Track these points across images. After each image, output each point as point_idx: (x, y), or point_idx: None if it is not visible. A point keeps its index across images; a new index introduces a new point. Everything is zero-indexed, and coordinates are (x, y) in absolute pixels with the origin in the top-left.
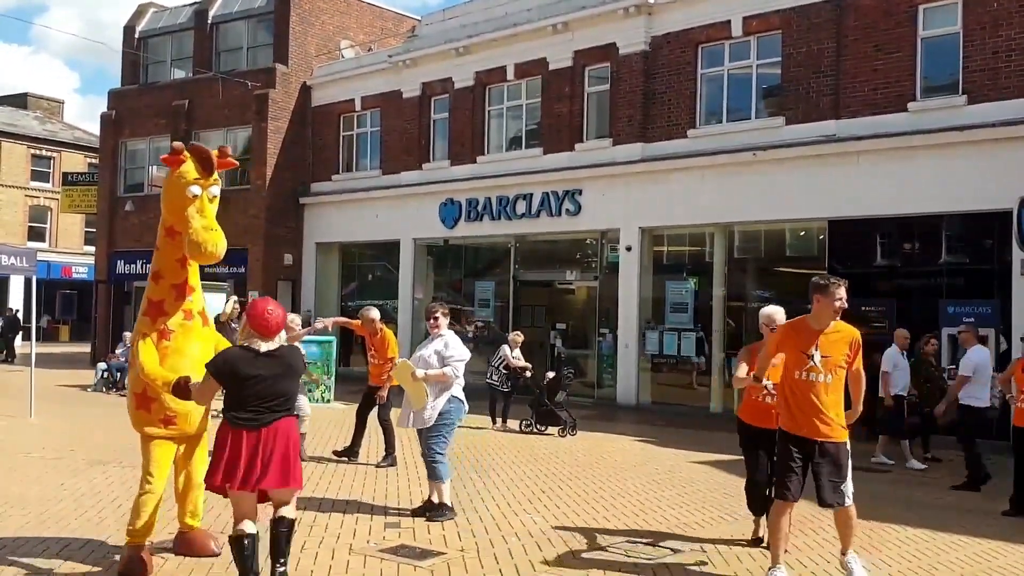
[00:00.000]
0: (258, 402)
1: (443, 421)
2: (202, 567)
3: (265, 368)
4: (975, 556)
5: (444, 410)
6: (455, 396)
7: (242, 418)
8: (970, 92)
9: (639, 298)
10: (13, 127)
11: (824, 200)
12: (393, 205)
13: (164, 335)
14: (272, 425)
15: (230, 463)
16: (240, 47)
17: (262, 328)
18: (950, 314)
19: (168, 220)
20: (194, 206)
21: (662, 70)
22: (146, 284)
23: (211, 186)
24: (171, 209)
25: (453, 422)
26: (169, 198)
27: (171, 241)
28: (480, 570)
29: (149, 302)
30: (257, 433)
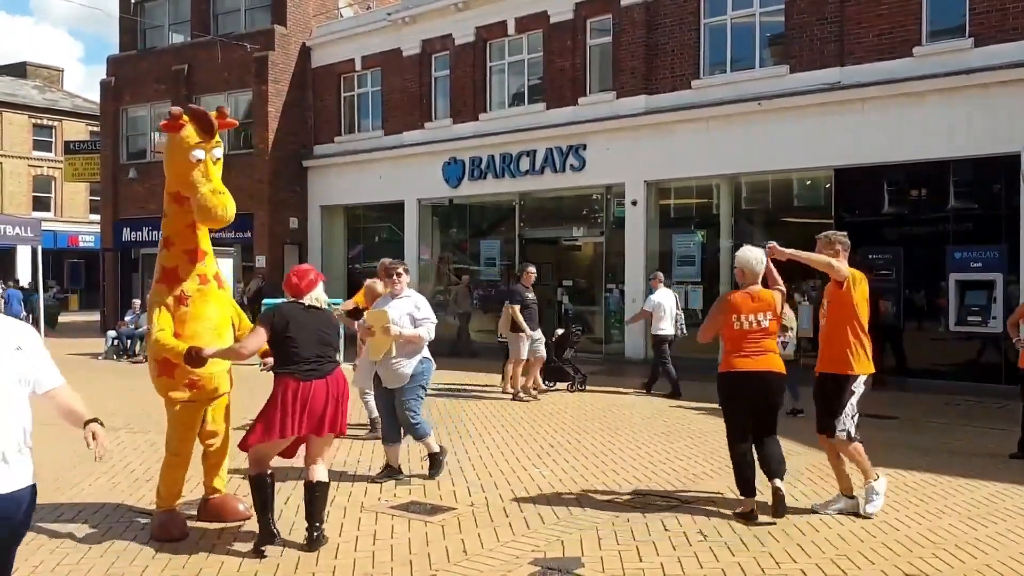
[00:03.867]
0: (314, 351)
1: (417, 382)
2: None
3: (314, 320)
4: (982, 499)
5: (417, 371)
6: (425, 357)
7: (308, 369)
8: (977, 35)
9: (646, 252)
10: (13, 97)
11: (830, 149)
12: (396, 165)
13: (182, 301)
14: (334, 373)
15: (301, 412)
16: (238, 9)
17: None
18: (957, 260)
19: (173, 186)
20: (198, 170)
21: (664, 20)
22: (156, 252)
23: (214, 148)
24: (176, 175)
25: (426, 383)
26: (172, 164)
27: (178, 207)
28: (490, 524)
29: (163, 269)
30: (325, 381)
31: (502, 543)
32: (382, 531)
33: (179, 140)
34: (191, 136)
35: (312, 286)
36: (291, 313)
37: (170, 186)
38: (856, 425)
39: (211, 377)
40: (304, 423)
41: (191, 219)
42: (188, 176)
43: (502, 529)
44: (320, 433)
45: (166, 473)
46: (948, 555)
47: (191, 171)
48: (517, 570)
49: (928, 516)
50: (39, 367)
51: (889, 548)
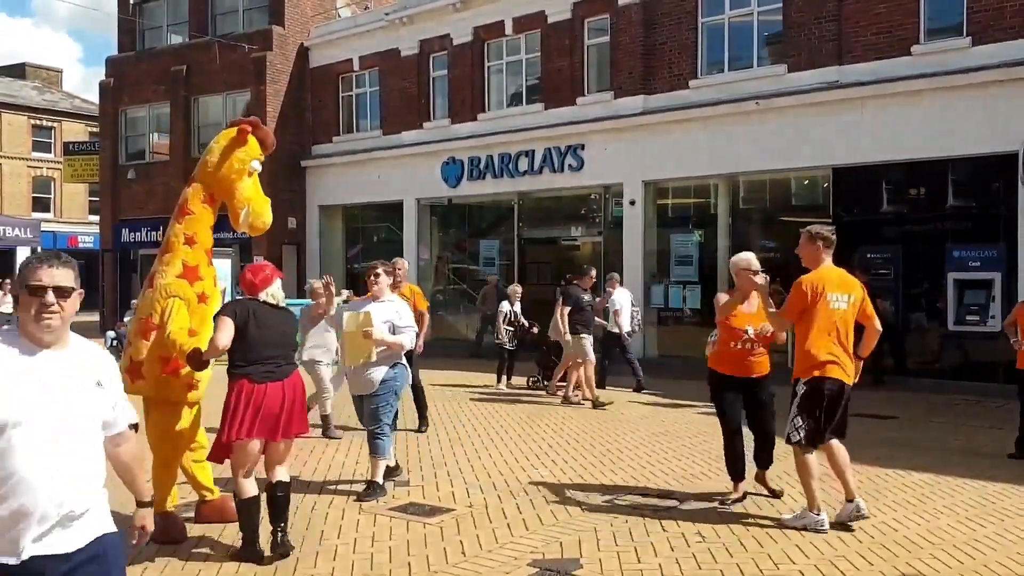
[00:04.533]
0: (272, 352)
1: (390, 389)
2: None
3: (276, 319)
4: (981, 499)
5: (389, 376)
6: (399, 363)
7: (265, 371)
8: (975, 33)
9: (644, 252)
10: (13, 98)
11: (828, 148)
12: (395, 165)
13: (203, 299)
14: (291, 376)
15: (254, 416)
16: (236, 10)
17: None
18: (956, 259)
19: (210, 187)
20: (253, 181)
21: (662, 20)
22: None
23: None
24: (221, 179)
25: (399, 389)
26: (223, 168)
27: (208, 208)
28: (489, 526)
29: (185, 266)
30: (281, 384)
31: (501, 544)
32: (380, 533)
33: (242, 149)
34: (255, 148)
35: (268, 282)
36: (252, 308)
37: (206, 186)
38: (806, 434)
39: (204, 381)
40: (256, 427)
41: (213, 220)
42: (236, 183)
43: (500, 530)
44: (274, 438)
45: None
46: (947, 555)
47: (242, 179)
48: (516, 571)
49: (927, 516)
50: (118, 406)
51: (888, 548)
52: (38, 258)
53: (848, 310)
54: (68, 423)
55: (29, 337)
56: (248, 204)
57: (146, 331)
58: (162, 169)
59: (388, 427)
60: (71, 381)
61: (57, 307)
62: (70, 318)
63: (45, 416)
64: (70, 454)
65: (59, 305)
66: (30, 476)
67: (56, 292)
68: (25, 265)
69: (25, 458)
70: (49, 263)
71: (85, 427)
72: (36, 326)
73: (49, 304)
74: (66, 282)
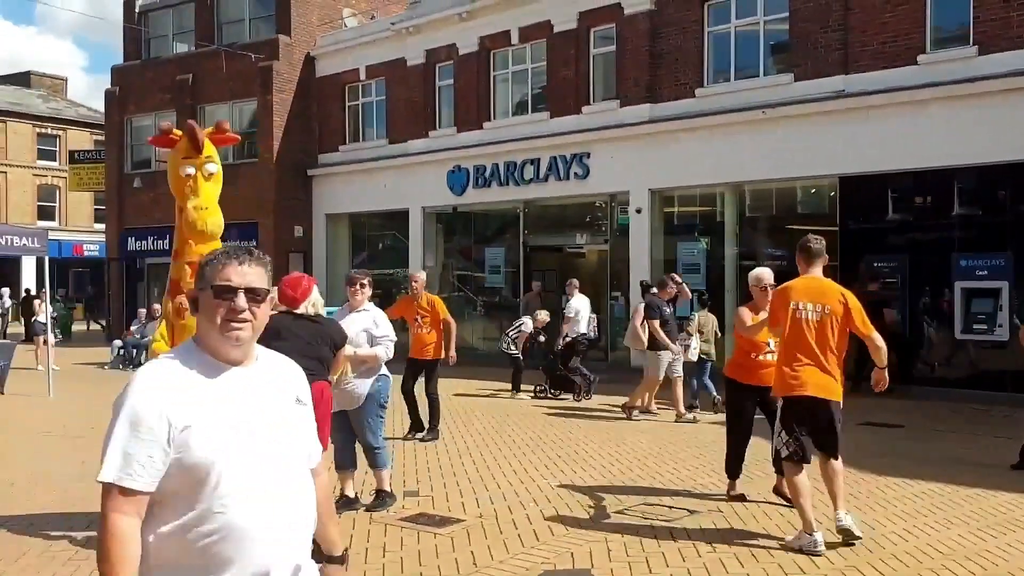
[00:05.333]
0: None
1: (375, 401)
2: None
3: (303, 330)
4: (991, 510)
5: (373, 390)
6: (382, 374)
7: None
8: (981, 43)
9: (650, 260)
10: (18, 106)
11: (835, 157)
12: (401, 174)
13: (179, 313)
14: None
15: None
16: (242, 19)
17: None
18: (963, 267)
19: (177, 200)
20: (188, 186)
21: (668, 29)
22: (161, 261)
23: (205, 164)
24: (173, 189)
25: (384, 401)
26: (169, 178)
27: (180, 219)
28: (499, 536)
29: (170, 281)
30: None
31: (512, 555)
32: (392, 543)
33: (173, 155)
34: (183, 150)
35: (307, 294)
36: (280, 323)
37: (176, 200)
38: (792, 450)
39: None
40: None
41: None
42: (180, 192)
43: (511, 541)
44: None
45: None
46: (958, 566)
47: (183, 186)
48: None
49: (937, 527)
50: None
51: (898, 559)
52: (225, 252)
53: (823, 320)
54: (279, 457)
55: (213, 352)
56: (183, 211)
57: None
58: (167, 178)
59: (382, 438)
60: (272, 404)
61: (248, 314)
62: (260, 329)
63: (252, 451)
64: (287, 496)
65: (251, 311)
66: (243, 527)
67: (248, 295)
68: (208, 261)
69: (236, 506)
70: (239, 258)
71: (297, 459)
72: (222, 337)
73: (240, 309)
74: (259, 283)
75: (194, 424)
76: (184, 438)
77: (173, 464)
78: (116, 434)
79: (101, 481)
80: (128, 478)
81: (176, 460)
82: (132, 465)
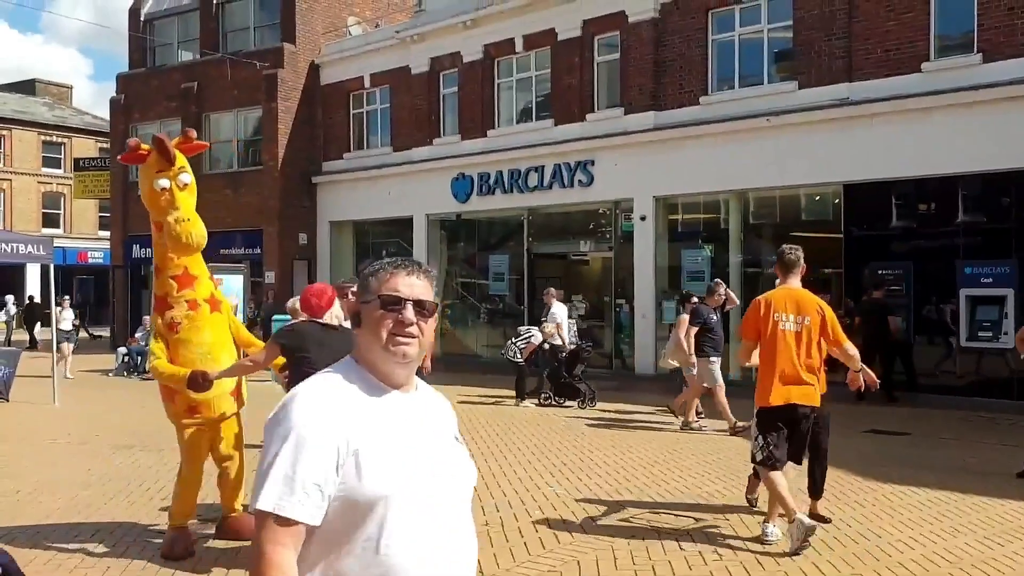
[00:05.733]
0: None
1: None
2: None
3: (333, 340)
4: (997, 518)
5: None
6: None
7: None
8: (985, 50)
9: (655, 267)
10: (23, 114)
11: (839, 164)
12: (405, 181)
13: (172, 328)
14: None
15: None
16: (247, 27)
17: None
18: (968, 274)
19: (151, 215)
20: (164, 199)
21: (672, 37)
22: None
23: (179, 175)
24: (148, 204)
25: None
26: (143, 193)
27: (158, 234)
28: (506, 544)
29: (155, 297)
30: None
31: (518, 563)
32: None
33: (144, 170)
34: (153, 164)
35: (331, 304)
36: (308, 332)
37: (151, 215)
38: (766, 455)
39: (209, 403)
40: None
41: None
42: (157, 205)
43: (517, 549)
44: None
45: (176, 490)
46: (964, 575)
47: (159, 200)
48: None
49: (943, 535)
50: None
51: (905, 567)
52: (392, 262)
53: (802, 332)
54: (447, 499)
55: (375, 370)
56: (168, 224)
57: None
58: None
59: None
60: (436, 440)
61: (416, 328)
62: (427, 348)
63: (421, 489)
64: (453, 544)
65: (418, 326)
66: (408, 573)
67: (416, 307)
68: (375, 271)
69: (401, 550)
70: (407, 269)
71: (463, 503)
72: (387, 354)
73: (408, 322)
74: (427, 296)
75: (363, 451)
76: (352, 466)
77: (337, 495)
78: (279, 457)
79: (259, 509)
80: (290, 507)
81: (341, 491)
82: (295, 493)
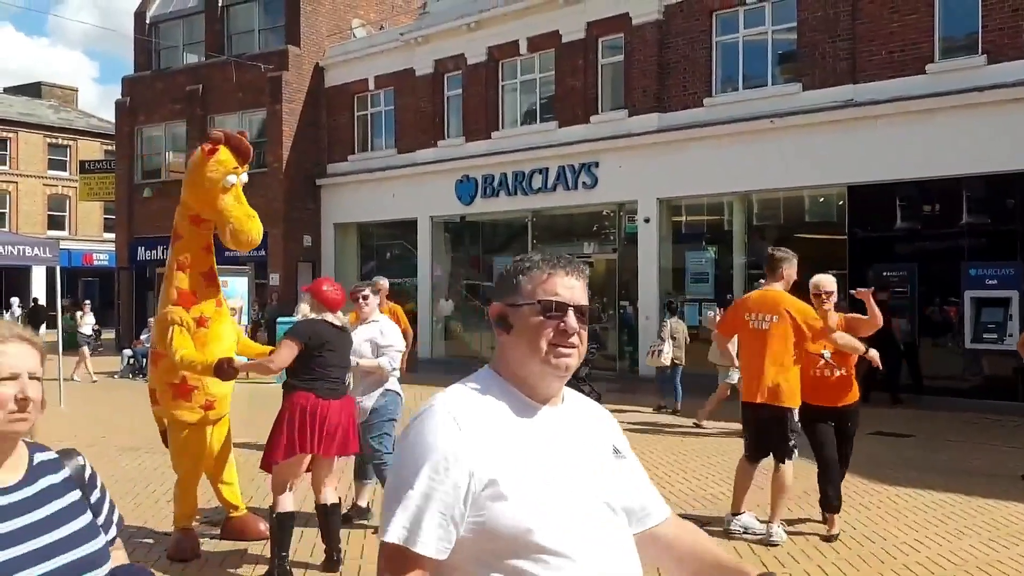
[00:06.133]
0: (337, 372)
1: (380, 417)
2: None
3: (339, 340)
4: (1002, 520)
5: (377, 405)
6: (389, 389)
7: (328, 387)
8: (989, 52)
9: (659, 269)
10: (29, 116)
11: (843, 166)
12: (409, 183)
13: (202, 323)
14: (347, 396)
15: (312, 431)
16: (251, 29)
17: (330, 303)
18: (972, 276)
19: (194, 208)
20: (231, 195)
21: (676, 39)
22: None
23: (243, 174)
24: (200, 197)
25: (392, 417)
26: (197, 186)
27: (196, 229)
28: None
29: (180, 292)
30: (340, 402)
31: None
32: None
33: (212, 163)
34: (228, 160)
35: (342, 303)
36: (326, 332)
37: (190, 208)
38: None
39: (224, 398)
40: (320, 440)
41: (207, 241)
42: (216, 200)
43: None
44: (329, 453)
45: (179, 494)
46: None
47: (220, 195)
48: None
49: (948, 537)
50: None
51: (910, 570)
52: (547, 260)
53: (771, 330)
54: (600, 519)
55: (522, 384)
56: (230, 220)
57: (155, 359)
58: (177, 187)
59: (388, 455)
60: (588, 454)
61: (577, 338)
62: (581, 358)
63: (568, 513)
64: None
65: (578, 336)
66: None
67: (577, 314)
68: (526, 268)
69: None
70: (566, 268)
71: (621, 524)
72: (546, 367)
73: (572, 331)
74: (585, 300)
75: (500, 479)
76: (487, 496)
77: (470, 526)
78: (410, 484)
79: (386, 542)
80: (418, 542)
81: (475, 522)
82: (424, 524)
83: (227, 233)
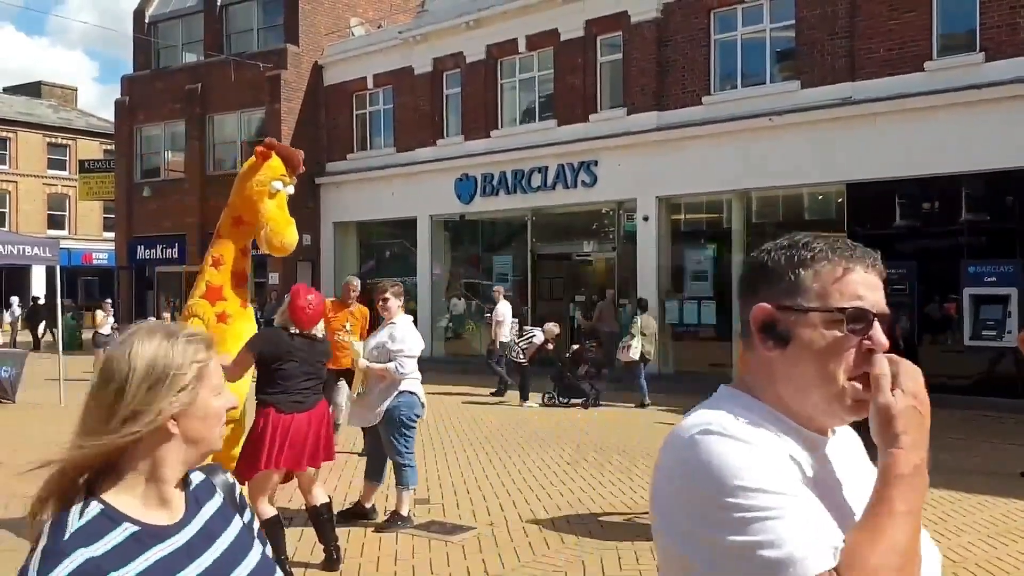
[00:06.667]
0: (304, 384)
1: (395, 416)
2: None
3: (302, 349)
4: (1002, 517)
5: (391, 406)
6: (405, 390)
7: (293, 401)
8: (987, 49)
9: (658, 267)
10: (29, 116)
11: (842, 163)
12: (408, 182)
13: (223, 319)
14: (318, 406)
15: (283, 445)
16: (250, 28)
17: (300, 320)
18: (971, 274)
19: (239, 209)
20: (275, 200)
21: (675, 37)
22: (171, 270)
23: (289, 184)
24: (245, 199)
25: (407, 418)
26: (246, 189)
27: (236, 230)
28: (510, 544)
29: (209, 286)
30: (308, 415)
31: (523, 563)
32: (403, 551)
33: (263, 168)
34: (278, 167)
35: (317, 321)
36: (284, 343)
37: (235, 209)
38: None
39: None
40: (284, 456)
41: (245, 244)
42: (260, 202)
43: (522, 549)
44: (300, 468)
45: None
46: (969, 574)
47: (265, 198)
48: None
49: (948, 534)
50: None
51: None
52: (840, 248)
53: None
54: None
55: (793, 413)
56: (267, 224)
57: None
58: (177, 186)
59: (410, 456)
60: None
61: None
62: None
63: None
64: None
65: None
66: None
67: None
68: (809, 258)
69: None
70: (864, 260)
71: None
72: (842, 400)
73: (881, 347)
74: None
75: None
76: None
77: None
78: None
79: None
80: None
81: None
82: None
83: (263, 236)
